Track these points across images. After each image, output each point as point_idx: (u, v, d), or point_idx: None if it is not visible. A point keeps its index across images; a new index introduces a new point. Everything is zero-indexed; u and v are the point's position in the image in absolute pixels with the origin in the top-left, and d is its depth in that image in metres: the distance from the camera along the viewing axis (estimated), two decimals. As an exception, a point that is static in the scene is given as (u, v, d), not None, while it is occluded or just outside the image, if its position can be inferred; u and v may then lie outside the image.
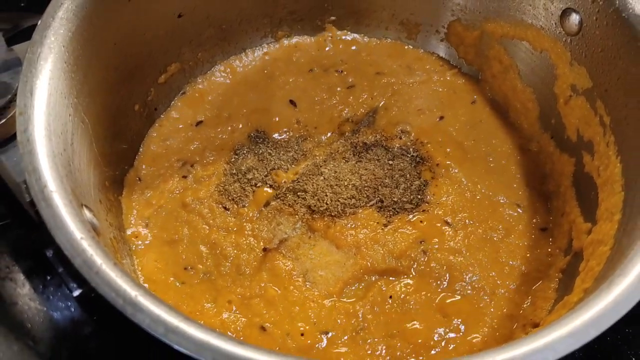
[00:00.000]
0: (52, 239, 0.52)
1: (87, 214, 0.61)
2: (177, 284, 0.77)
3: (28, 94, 0.61)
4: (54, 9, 0.66)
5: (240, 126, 0.91)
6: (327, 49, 1.01)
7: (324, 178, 0.85)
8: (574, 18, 0.78)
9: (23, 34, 1.04)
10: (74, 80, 0.67)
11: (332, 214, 0.82)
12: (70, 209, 0.55)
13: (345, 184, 0.84)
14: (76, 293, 0.54)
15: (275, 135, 0.91)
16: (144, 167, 0.87)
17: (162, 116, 0.92)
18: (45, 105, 0.61)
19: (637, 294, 0.52)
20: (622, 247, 0.61)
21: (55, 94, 0.63)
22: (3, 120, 0.82)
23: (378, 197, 0.84)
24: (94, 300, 0.49)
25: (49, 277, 0.53)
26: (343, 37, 1.02)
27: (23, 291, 0.51)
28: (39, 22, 0.66)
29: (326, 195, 0.83)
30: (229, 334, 0.72)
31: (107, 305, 0.50)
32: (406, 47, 1.01)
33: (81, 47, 0.68)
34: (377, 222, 0.82)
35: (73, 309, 0.51)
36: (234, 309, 0.75)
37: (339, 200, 0.83)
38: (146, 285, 0.76)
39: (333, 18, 1.01)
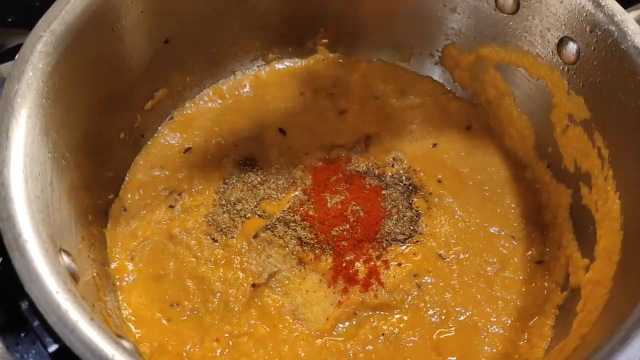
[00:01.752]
0: (26, 290, 0.50)
1: (65, 259, 0.58)
2: (164, 321, 0.74)
3: (4, 134, 0.58)
4: (33, 42, 0.64)
5: (229, 153, 0.89)
6: (318, 72, 0.99)
7: (315, 208, 0.83)
8: (572, 47, 0.76)
9: (9, 52, 1.01)
10: (54, 116, 0.65)
11: (323, 246, 0.79)
12: (46, 259, 0.53)
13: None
14: (52, 349, 0.51)
15: (265, 163, 0.88)
16: (129, 196, 0.84)
17: (149, 143, 0.89)
18: (23, 146, 0.59)
19: None
20: (622, 295, 0.59)
21: (32, 133, 0.60)
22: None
23: (370, 228, 0.82)
24: (70, 356, 0.47)
25: (22, 334, 0.50)
26: (335, 60, 0.99)
27: (-5, 350, 0.48)
28: (17, 57, 0.63)
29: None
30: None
31: (84, 362, 0.48)
32: (400, 71, 0.99)
33: (62, 80, 0.66)
34: (369, 255, 0.80)
35: (48, 367, 0.49)
36: (222, 349, 0.72)
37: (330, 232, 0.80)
38: (130, 323, 0.74)
39: (325, 41, 0.98)
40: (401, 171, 0.88)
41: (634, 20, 0.70)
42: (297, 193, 0.85)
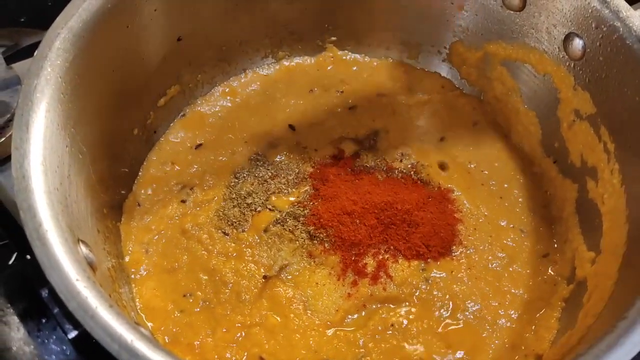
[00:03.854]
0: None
1: (83, 249, 0.60)
2: (176, 313, 0.76)
3: (24, 128, 0.60)
4: (51, 39, 0.65)
5: (241, 149, 0.90)
6: (327, 69, 1.00)
7: (324, 202, 0.84)
8: (578, 43, 0.77)
9: (23, 51, 1.03)
10: (71, 110, 0.66)
11: (332, 240, 0.81)
12: (66, 248, 0.54)
13: (346, 209, 0.83)
14: (72, 335, 0.53)
15: (276, 158, 0.90)
16: (143, 191, 0.86)
17: (161, 139, 0.91)
18: (42, 139, 0.60)
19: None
20: (627, 286, 0.60)
21: (51, 127, 0.62)
22: (2, 140, 0.82)
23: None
24: (90, 342, 0.48)
25: (43, 320, 0.52)
26: (344, 58, 1.01)
27: (18, 335, 0.50)
28: (36, 53, 0.65)
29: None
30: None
31: (103, 347, 0.50)
32: (408, 68, 1.00)
33: (79, 76, 0.67)
34: (378, 249, 0.81)
35: (68, 353, 0.51)
36: (233, 339, 0.74)
37: (339, 226, 0.82)
38: (144, 314, 0.75)
39: (334, 38, 1.00)
40: (409, 166, 0.89)
41: (639, 16, 0.71)
42: (306, 188, 0.86)
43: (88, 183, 0.71)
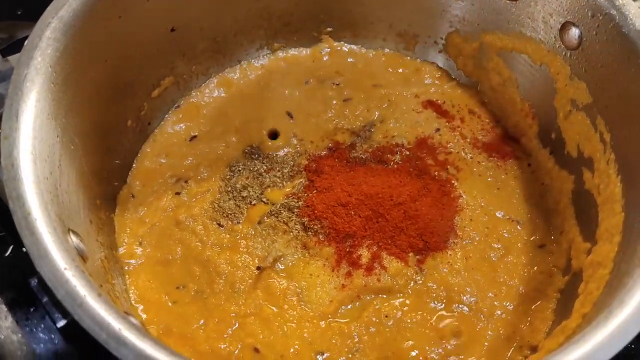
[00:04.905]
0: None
1: (74, 239, 0.60)
2: (169, 304, 0.75)
3: (13, 117, 0.59)
4: (41, 28, 0.65)
5: (235, 141, 0.90)
6: (323, 60, 1.00)
7: (318, 194, 0.83)
8: (574, 32, 0.77)
9: (19, 44, 1.03)
10: (62, 100, 0.66)
11: (327, 231, 0.80)
12: (54, 237, 0.54)
13: (341, 200, 0.83)
14: (60, 324, 0.53)
15: (271, 151, 0.89)
16: (137, 183, 0.86)
17: (155, 131, 0.91)
18: (31, 128, 0.60)
19: (635, 327, 0.51)
20: (622, 272, 0.60)
21: (41, 116, 0.62)
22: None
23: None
24: (79, 331, 0.48)
25: (32, 309, 0.51)
26: (339, 49, 1.00)
27: (5, 324, 0.49)
28: (26, 42, 0.65)
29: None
30: (223, 357, 0.71)
31: (91, 336, 0.49)
32: (404, 59, 1.00)
33: (70, 66, 0.67)
34: (373, 240, 0.80)
35: (57, 341, 0.50)
36: (227, 329, 0.73)
37: (333, 218, 0.81)
38: (138, 305, 0.75)
39: (329, 29, 0.99)
40: (405, 158, 0.88)
41: (634, 4, 0.70)
42: (301, 180, 0.86)
43: (80, 174, 0.71)
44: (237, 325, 0.74)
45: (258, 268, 0.78)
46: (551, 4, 0.78)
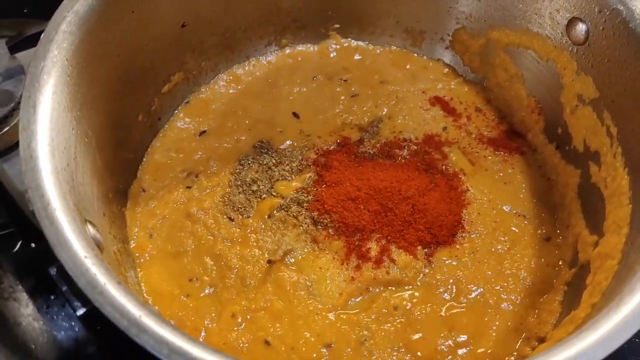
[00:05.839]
0: (55, 256, 0.52)
1: (91, 230, 0.60)
2: (182, 297, 0.76)
3: (31, 109, 0.60)
4: (57, 22, 0.66)
5: (244, 136, 0.91)
6: (331, 56, 1.00)
7: (327, 189, 0.84)
8: (581, 28, 0.78)
9: (26, 41, 1.04)
10: (77, 93, 0.67)
11: (336, 225, 0.81)
12: (73, 227, 0.55)
13: (350, 194, 0.84)
14: (80, 312, 0.53)
15: (280, 146, 0.90)
16: (147, 177, 0.86)
17: (165, 126, 0.91)
18: (49, 120, 0.61)
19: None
20: (630, 262, 0.60)
21: (58, 108, 0.63)
22: (6, 129, 0.82)
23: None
24: (98, 319, 0.49)
25: (52, 297, 0.52)
26: (347, 45, 1.01)
27: (27, 311, 0.50)
28: (42, 36, 0.65)
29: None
30: (235, 349, 0.72)
31: (111, 324, 0.50)
32: (411, 55, 1.01)
33: (84, 60, 0.68)
34: (382, 234, 0.81)
35: (77, 329, 0.51)
36: (239, 322, 0.74)
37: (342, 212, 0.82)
38: (150, 298, 0.76)
39: (337, 26, 1.00)
40: (413, 152, 0.89)
41: (642, -1, 0.71)
42: (310, 174, 0.86)
43: (94, 167, 0.72)
44: (248, 319, 0.75)
45: (269, 261, 0.79)
46: (558, 0, 0.79)
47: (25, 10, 1.14)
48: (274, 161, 0.88)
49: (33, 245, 0.72)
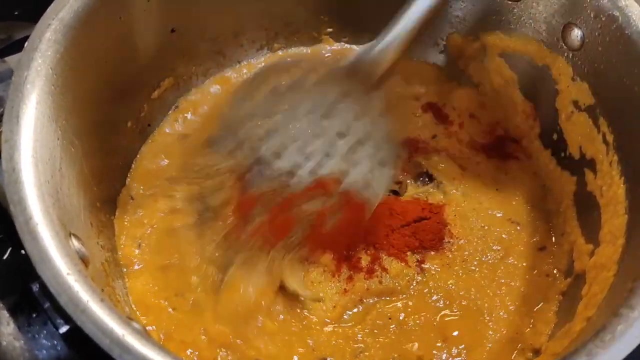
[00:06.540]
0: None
1: (75, 243, 0.59)
2: (170, 310, 0.74)
3: (14, 120, 0.59)
4: (42, 30, 0.64)
5: (235, 143, 0.89)
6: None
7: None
8: (576, 33, 0.76)
9: (16, 45, 1.02)
10: (62, 102, 0.65)
11: (324, 239, 0.79)
12: (56, 242, 0.53)
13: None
14: (63, 330, 0.52)
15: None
16: (135, 185, 0.85)
17: (155, 132, 0.90)
18: (32, 131, 0.59)
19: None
20: (627, 276, 0.59)
21: (42, 118, 0.61)
22: (-4, 134, 0.81)
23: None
24: (81, 337, 0.48)
25: (34, 315, 0.51)
26: (340, 49, 1.00)
27: (7, 330, 0.49)
28: (26, 44, 0.64)
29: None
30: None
31: (94, 343, 0.49)
32: (404, 59, 0.99)
33: (70, 68, 0.66)
34: (366, 242, 0.80)
35: (59, 348, 0.50)
36: (230, 338, 0.73)
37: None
38: (137, 310, 0.74)
39: (330, 30, 0.99)
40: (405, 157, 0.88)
41: (637, 6, 0.70)
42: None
43: (80, 176, 0.70)
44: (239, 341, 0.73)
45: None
46: (553, 4, 0.78)
47: (16, 12, 1.12)
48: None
49: (23, 252, 0.71)
